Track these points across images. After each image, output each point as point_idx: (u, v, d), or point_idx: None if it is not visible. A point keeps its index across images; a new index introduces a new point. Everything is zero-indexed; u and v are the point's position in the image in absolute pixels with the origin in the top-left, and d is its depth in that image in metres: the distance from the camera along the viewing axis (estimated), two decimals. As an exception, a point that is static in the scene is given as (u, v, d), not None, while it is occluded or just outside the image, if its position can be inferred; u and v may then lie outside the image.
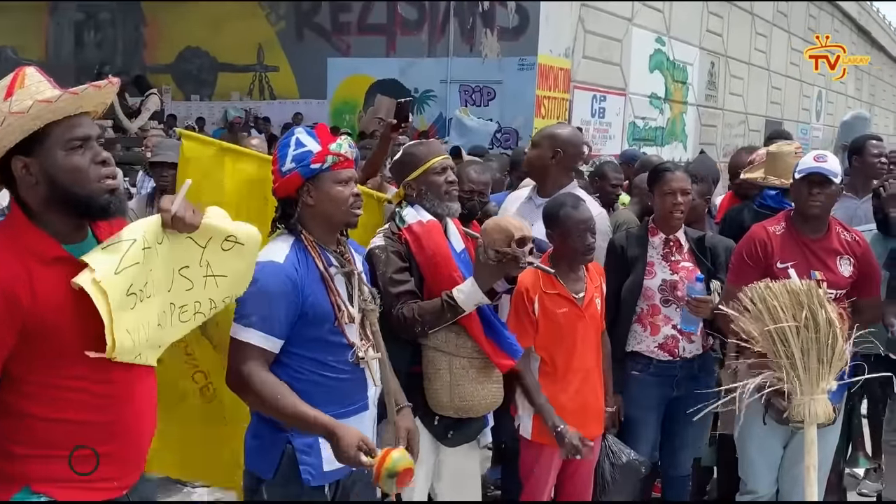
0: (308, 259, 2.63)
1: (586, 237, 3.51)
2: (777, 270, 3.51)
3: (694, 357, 3.90)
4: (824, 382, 3.02)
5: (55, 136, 2.05)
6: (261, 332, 2.52)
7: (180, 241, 2.25)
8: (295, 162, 2.62)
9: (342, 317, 2.64)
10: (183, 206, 2.21)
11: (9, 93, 2.03)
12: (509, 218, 3.23)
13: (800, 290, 3.07)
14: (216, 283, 2.36)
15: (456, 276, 3.15)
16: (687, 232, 3.99)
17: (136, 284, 2.10)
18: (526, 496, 3.67)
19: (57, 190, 2.06)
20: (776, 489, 3.85)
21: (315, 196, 2.64)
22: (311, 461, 2.60)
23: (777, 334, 3.01)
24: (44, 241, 2.08)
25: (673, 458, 4.12)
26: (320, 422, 2.50)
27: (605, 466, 3.69)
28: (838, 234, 3.69)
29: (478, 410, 3.20)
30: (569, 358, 3.55)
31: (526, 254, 3.04)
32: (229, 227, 2.38)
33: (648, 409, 3.94)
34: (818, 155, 3.66)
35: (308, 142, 2.64)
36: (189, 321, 2.33)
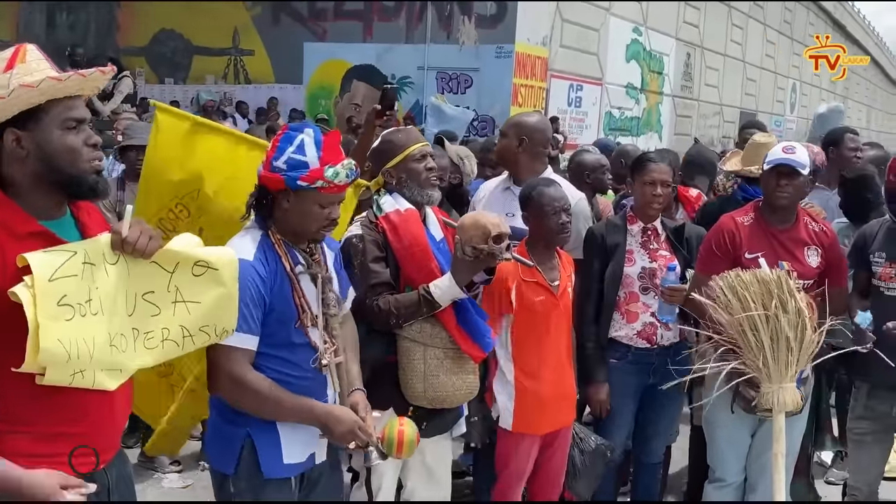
0: (275, 257, 2.58)
1: (560, 216, 3.52)
2: (745, 261, 3.54)
3: (671, 345, 3.93)
4: (793, 371, 3.06)
5: (53, 114, 2.10)
6: (241, 333, 2.49)
7: (142, 266, 2.22)
8: (286, 166, 2.53)
9: (305, 318, 2.61)
10: (136, 230, 2.18)
11: (9, 65, 2.06)
12: (486, 214, 3.23)
13: (770, 279, 3.10)
14: (187, 309, 2.31)
15: (433, 267, 3.14)
16: (664, 221, 4.02)
17: (72, 296, 2.05)
18: (501, 485, 3.68)
19: (49, 167, 2.10)
20: (744, 477, 3.90)
21: (291, 205, 2.57)
22: (272, 454, 2.59)
23: (747, 323, 3.04)
24: (18, 216, 2.09)
25: (646, 445, 4.15)
26: (317, 411, 2.56)
27: (575, 453, 3.72)
28: (806, 225, 3.73)
29: (452, 401, 3.19)
30: (545, 345, 3.57)
31: (503, 250, 3.05)
32: (199, 253, 2.34)
33: (625, 397, 3.97)
34: (787, 146, 3.68)
35: (309, 152, 2.53)
36: (156, 348, 2.28)
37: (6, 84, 2.04)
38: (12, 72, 2.05)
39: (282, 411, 2.56)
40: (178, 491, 4.84)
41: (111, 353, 2.15)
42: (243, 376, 2.50)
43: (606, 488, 4.13)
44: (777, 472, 3.11)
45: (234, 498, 2.63)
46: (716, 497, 3.92)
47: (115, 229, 2.19)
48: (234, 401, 2.57)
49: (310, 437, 2.65)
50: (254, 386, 2.51)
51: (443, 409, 3.21)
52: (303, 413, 2.57)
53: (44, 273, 2.01)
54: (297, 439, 2.63)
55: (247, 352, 2.51)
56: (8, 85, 2.04)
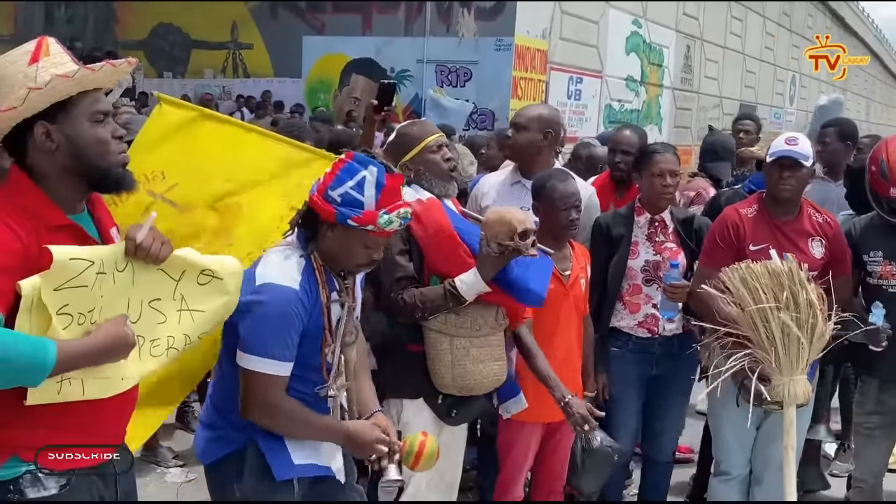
0: (315, 284, 2.53)
1: (570, 212, 3.52)
2: (749, 253, 3.53)
3: (674, 336, 3.91)
4: (804, 363, 3.04)
5: (83, 107, 2.11)
6: (280, 362, 2.46)
7: (150, 273, 2.20)
8: (341, 200, 2.46)
9: (327, 349, 2.58)
10: (150, 237, 2.17)
11: (34, 58, 2.07)
12: (511, 210, 3.22)
13: (781, 270, 3.08)
14: (192, 317, 2.30)
15: (461, 253, 3.15)
16: (673, 212, 3.99)
17: (73, 306, 2.03)
18: (503, 477, 3.67)
19: (79, 159, 2.11)
20: (749, 469, 3.88)
21: (336, 238, 2.51)
22: (279, 456, 2.57)
23: (758, 315, 3.02)
24: (49, 208, 2.10)
25: (655, 441, 4.12)
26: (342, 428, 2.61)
27: (577, 450, 3.69)
28: (810, 216, 3.70)
29: (480, 389, 3.22)
30: (551, 335, 3.55)
31: (528, 246, 3.06)
32: (205, 262, 2.32)
33: (628, 386, 3.95)
34: (790, 137, 3.65)
35: (368, 192, 2.44)
36: (161, 356, 2.27)
37: (33, 76, 2.04)
38: (38, 64, 2.06)
39: (310, 432, 2.59)
40: (180, 485, 4.81)
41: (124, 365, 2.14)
42: (279, 404, 2.49)
43: (615, 486, 4.11)
44: (787, 465, 3.09)
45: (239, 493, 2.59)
46: (721, 490, 3.90)
47: (131, 235, 2.17)
48: (265, 425, 2.54)
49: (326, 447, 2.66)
50: (288, 412, 2.51)
51: (472, 396, 3.23)
52: (329, 432, 2.61)
53: (52, 283, 1.99)
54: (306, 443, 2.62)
55: (283, 379, 2.50)
56: (35, 77, 2.04)
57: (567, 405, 3.39)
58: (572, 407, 3.39)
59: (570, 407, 3.39)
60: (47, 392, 2.02)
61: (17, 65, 2.08)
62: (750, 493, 3.90)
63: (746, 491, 3.91)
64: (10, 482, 2.08)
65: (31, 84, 2.03)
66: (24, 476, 2.09)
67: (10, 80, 2.06)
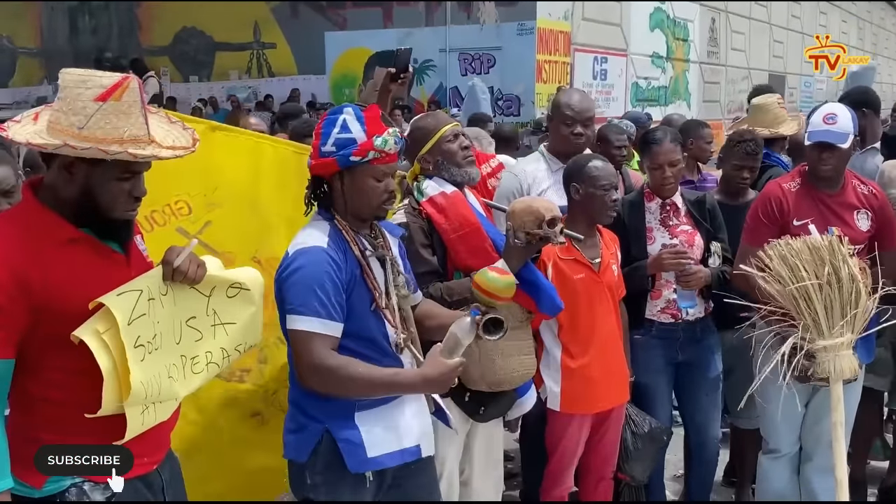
0: (345, 243, 2.56)
1: (611, 193, 3.48)
2: (793, 228, 3.46)
3: (696, 320, 3.86)
4: (849, 339, 2.99)
5: (118, 164, 2.09)
6: (321, 319, 2.45)
7: (184, 292, 2.25)
8: (335, 147, 2.53)
9: (380, 299, 2.58)
10: (186, 260, 2.22)
11: (103, 97, 2.03)
12: (537, 199, 3.21)
13: (821, 245, 3.03)
14: (226, 331, 2.35)
15: (487, 247, 3.12)
16: (684, 194, 3.94)
17: (143, 336, 2.10)
18: (553, 466, 3.65)
19: (87, 201, 2.12)
20: (799, 447, 3.83)
21: (348, 186, 2.56)
22: (353, 449, 2.55)
23: (800, 292, 2.98)
24: (59, 224, 2.11)
25: (701, 435, 4.02)
26: (412, 377, 2.55)
27: (627, 436, 3.66)
28: (855, 188, 3.62)
29: (510, 383, 3.18)
30: (590, 324, 3.51)
31: (557, 234, 3.03)
32: (232, 275, 2.38)
33: (657, 373, 3.89)
34: (828, 114, 3.49)
35: (354, 128, 2.53)
36: (202, 373, 2.31)
37: (90, 114, 2.01)
38: (101, 105, 2.02)
39: (376, 388, 2.52)
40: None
41: (170, 385, 2.19)
42: (330, 363, 2.44)
43: (657, 473, 4.07)
44: (837, 441, 3.05)
45: (310, 490, 2.59)
46: (771, 468, 3.86)
47: (168, 260, 2.21)
48: (324, 389, 2.49)
49: (403, 426, 2.62)
50: (340, 368, 2.45)
51: (500, 392, 3.19)
52: (396, 384, 2.54)
53: (123, 317, 2.04)
54: (382, 429, 2.58)
55: (329, 338, 2.46)
56: (90, 117, 2.01)
57: None
58: None
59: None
60: (134, 423, 2.10)
61: (87, 93, 2.04)
62: (801, 470, 3.85)
63: (797, 468, 3.86)
64: (57, 495, 2.11)
65: (78, 128, 2.01)
66: (70, 490, 2.12)
67: (72, 103, 2.04)
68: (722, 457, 4.47)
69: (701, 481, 4.16)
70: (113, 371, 2.04)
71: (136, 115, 2.08)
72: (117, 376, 2.05)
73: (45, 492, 2.10)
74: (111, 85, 2.04)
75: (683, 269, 3.68)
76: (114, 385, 2.05)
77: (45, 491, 2.10)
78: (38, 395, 2.10)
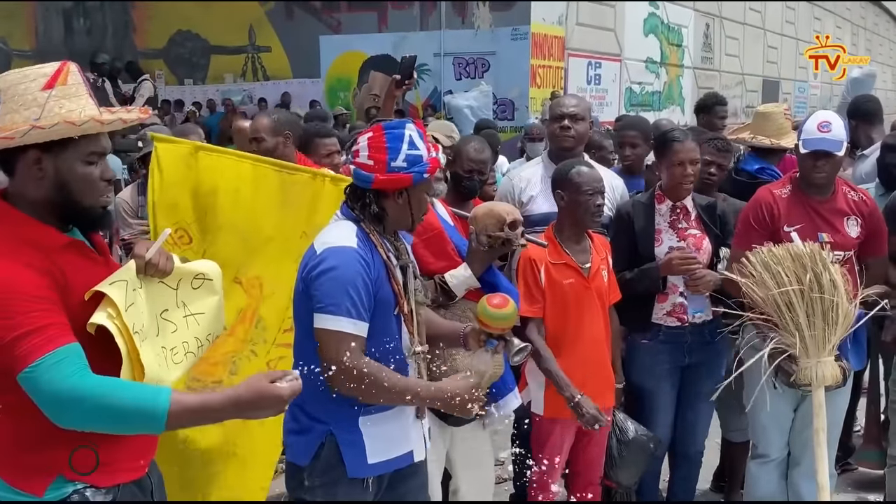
0: (372, 245, 2.56)
1: (596, 197, 3.49)
2: (784, 234, 3.49)
3: (704, 323, 3.87)
4: (831, 345, 3.02)
5: (81, 146, 2.10)
6: (352, 319, 2.45)
7: (154, 286, 2.28)
8: (408, 163, 2.53)
9: (403, 305, 2.59)
10: (158, 252, 2.25)
11: (49, 84, 2.06)
12: (499, 203, 3.29)
13: (803, 253, 3.06)
14: (196, 321, 2.38)
15: (450, 250, 3.17)
16: (695, 198, 3.94)
17: (137, 324, 2.14)
18: (539, 472, 3.66)
19: (62, 194, 2.11)
20: (787, 452, 3.85)
21: (405, 201, 2.57)
22: (355, 453, 2.56)
23: (782, 299, 3.00)
24: (46, 231, 2.11)
25: (688, 433, 4.06)
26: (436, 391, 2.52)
27: (613, 443, 3.68)
28: (845, 195, 3.65)
29: None
30: (577, 329, 3.53)
31: (518, 236, 3.11)
32: (193, 267, 2.42)
33: (661, 378, 3.90)
34: (822, 122, 3.52)
35: (420, 145, 2.55)
36: (182, 363, 2.33)
37: (42, 104, 2.04)
38: (51, 92, 2.05)
39: (404, 398, 2.48)
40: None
41: (159, 374, 2.19)
42: (361, 367, 2.42)
43: (651, 479, 4.08)
44: (819, 446, 3.07)
45: (307, 492, 2.60)
46: (759, 473, 3.88)
47: (139, 253, 2.22)
48: (352, 393, 2.46)
49: (400, 433, 2.63)
50: (375, 376, 2.43)
51: None
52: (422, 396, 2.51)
53: (121, 302, 2.08)
54: (384, 435, 2.59)
55: (359, 339, 2.45)
56: (44, 106, 2.04)
57: (577, 405, 3.41)
58: (582, 407, 3.41)
59: (580, 407, 3.41)
60: None
61: (32, 85, 2.07)
62: (788, 475, 3.87)
63: (785, 474, 3.88)
64: (59, 502, 2.09)
65: (34, 119, 2.03)
66: (72, 496, 2.10)
67: (20, 99, 2.06)
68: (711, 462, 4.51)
69: (685, 477, 4.17)
70: (129, 354, 2.09)
71: (85, 97, 2.11)
72: (132, 360, 2.10)
73: (47, 498, 2.09)
74: (54, 72, 2.08)
75: (692, 272, 3.70)
76: (130, 369, 2.09)
77: (47, 497, 2.09)
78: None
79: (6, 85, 2.07)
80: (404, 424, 2.63)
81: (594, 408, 3.41)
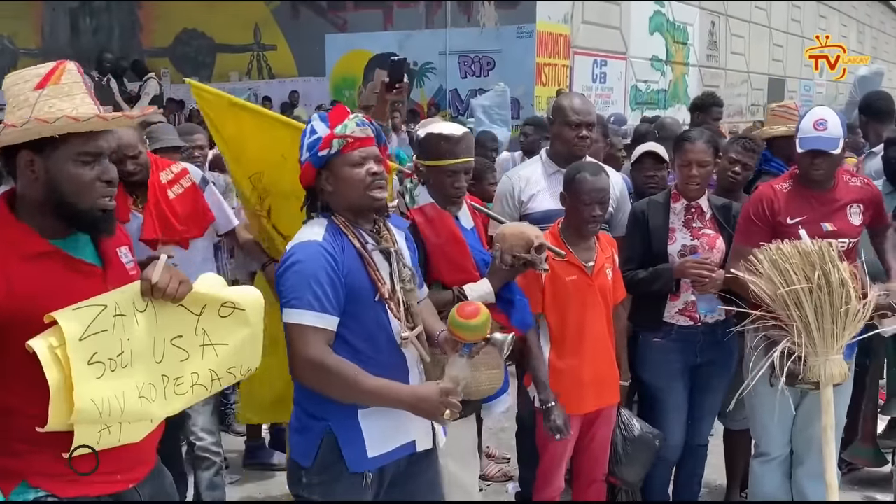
0: (343, 238, 2.56)
1: (594, 208, 3.49)
2: (786, 227, 3.49)
3: (716, 322, 3.87)
4: (840, 343, 3.01)
5: (70, 146, 2.08)
6: (316, 312, 2.45)
7: (171, 310, 2.19)
8: (308, 151, 2.58)
9: (384, 290, 2.58)
10: (166, 276, 2.16)
11: (41, 84, 2.04)
12: (528, 225, 3.33)
13: (811, 250, 3.05)
14: (215, 352, 2.29)
15: (469, 266, 3.17)
16: (710, 199, 3.95)
17: (102, 353, 2.03)
18: (543, 466, 3.68)
19: (54, 195, 2.08)
20: (790, 450, 3.84)
21: (332, 182, 2.58)
22: (355, 448, 2.56)
23: (790, 297, 2.99)
24: (27, 236, 2.08)
25: (693, 427, 4.06)
26: (402, 394, 2.50)
27: (618, 440, 3.68)
28: (846, 183, 3.66)
29: (476, 395, 3.18)
30: (580, 326, 3.54)
31: (542, 261, 3.16)
32: (226, 294, 2.32)
33: (673, 377, 3.90)
34: (818, 121, 3.51)
35: (319, 128, 2.58)
36: (186, 394, 2.25)
37: (32, 103, 2.02)
38: (41, 91, 2.03)
39: (366, 397, 2.50)
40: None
41: (140, 405, 2.12)
42: (323, 360, 2.44)
43: (661, 477, 4.08)
44: (827, 444, 3.07)
45: (305, 489, 2.60)
46: (762, 472, 3.87)
47: (146, 276, 2.16)
48: (315, 386, 2.50)
49: (400, 423, 2.60)
50: (336, 370, 2.44)
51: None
52: (388, 397, 2.50)
53: (74, 332, 1.98)
54: (384, 427, 2.58)
55: (324, 332, 2.46)
56: (34, 105, 2.02)
57: (548, 409, 3.44)
58: (552, 413, 3.43)
59: (550, 412, 3.44)
60: (90, 437, 2.03)
61: (26, 85, 2.06)
62: (792, 474, 3.87)
63: (788, 472, 3.87)
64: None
65: (11, 118, 2.01)
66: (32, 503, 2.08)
67: (14, 100, 2.05)
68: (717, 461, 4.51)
69: (690, 471, 4.18)
70: (60, 386, 1.97)
71: (82, 95, 2.09)
72: (66, 393, 1.98)
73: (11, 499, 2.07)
74: (47, 72, 2.06)
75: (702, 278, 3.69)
76: (60, 401, 1.98)
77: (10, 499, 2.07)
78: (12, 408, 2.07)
79: (7, 87, 2.08)
80: (404, 414, 2.59)
81: (563, 419, 3.45)
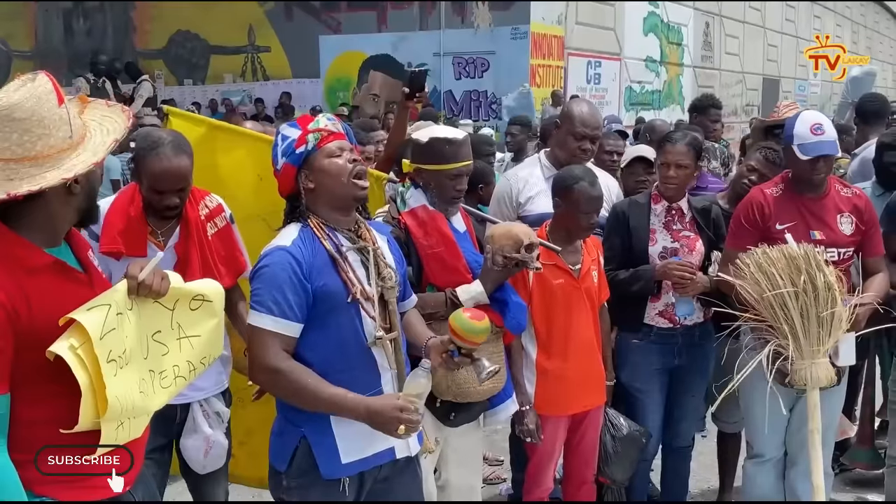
0: (314, 242, 2.57)
1: (591, 216, 3.51)
2: (775, 232, 3.49)
3: (694, 325, 3.89)
4: (825, 346, 3.02)
5: None
6: (275, 317, 2.47)
7: (149, 306, 2.24)
8: (283, 155, 2.61)
9: (356, 292, 2.57)
10: (152, 273, 2.22)
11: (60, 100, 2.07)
12: (517, 224, 3.32)
13: (797, 254, 3.06)
14: (191, 344, 2.35)
15: (461, 268, 3.16)
16: (690, 201, 3.96)
17: (115, 351, 2.08)
18: (532, 469, 3.69)
19: (90, 199, 2.21)
20: (784, 452, 3.86)
21: (313, 178, 2.59)
22: (328, 455, 2.56)
23: (776, 300, 3.01)
24: (29, 250, 2.09)
25: (674, 429, 4.09)
26: (354, 404, 2.47)
27: (606, 439, 3.70)
28: (837, 192, 3.65)
29: (477, 396, 3.19)
30: (566, 328, 3.55)
31: (534, 259, 3.15)
32: (193, 287, 2.39)
33: (651, 378, 3.92)
34: (814, 125, 3.50)
35: (290, 132, 2.62)
36: (170, 387, 2.30)
37: (67, 119, 2.07)
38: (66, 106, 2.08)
39: (322, 405, 2.49)
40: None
41: (142, 400, 2.18)
42: (277, 364, 2.45)
43: (641, 476, 4.10)
44: (813, 448, 3.08)
45: (284, 492, 2.61)
46: (755, 473, 3.88)
47: (131, 274, 2.20)
48: (270, 390, 2.55)
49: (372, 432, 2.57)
50: (289, 376, 2.45)
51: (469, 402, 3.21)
52: (340, 406, 2.48)
53: (95, 332, 2.03)
54: (359, 434, 2.56)
55: (281, 337, 2.47)
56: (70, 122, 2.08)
57: (522, 413, 3.46)
58: (525, 417, 3.46)
59: (523, 416, 3.46)
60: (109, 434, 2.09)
61: (47, 105, 2.04)
62: (786, 475, 3.88)
63: (782, 474, 3.88)
64: None
65: (69, 137, 2.07)
66: None
67: (47, 122, 2.04)
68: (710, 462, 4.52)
69: (675, 470, 4.20)
70: (90, 386, 2.03)
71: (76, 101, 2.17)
72: (94, 392, 2.04)
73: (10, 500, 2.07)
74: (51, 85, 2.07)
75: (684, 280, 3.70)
76: (91, 400, 2.03)
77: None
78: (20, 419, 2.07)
79: (26, 114, 2.03)
80: None
81: (535, 424, 3.47)
